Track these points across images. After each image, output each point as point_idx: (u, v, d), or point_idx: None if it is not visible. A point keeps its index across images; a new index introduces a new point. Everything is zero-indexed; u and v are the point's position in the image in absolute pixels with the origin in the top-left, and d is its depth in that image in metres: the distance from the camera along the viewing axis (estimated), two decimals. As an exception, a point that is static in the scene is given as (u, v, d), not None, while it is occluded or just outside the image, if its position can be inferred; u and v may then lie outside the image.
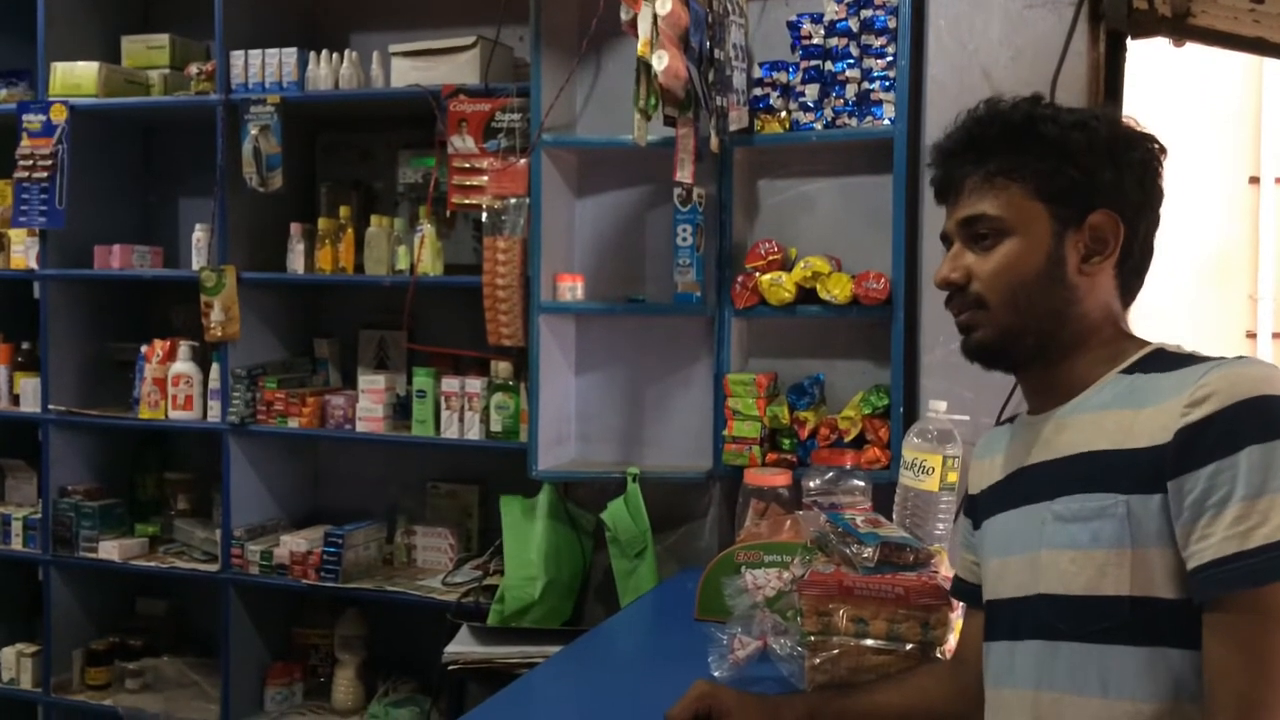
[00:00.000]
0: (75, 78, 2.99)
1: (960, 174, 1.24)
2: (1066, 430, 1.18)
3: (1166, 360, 1.16)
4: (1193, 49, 2.31)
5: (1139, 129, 1.23)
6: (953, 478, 2.03)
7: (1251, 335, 4.17)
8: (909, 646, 1.49)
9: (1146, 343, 1.22)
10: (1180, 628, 1.05)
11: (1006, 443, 1.30)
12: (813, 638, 1.51)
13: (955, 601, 1.49)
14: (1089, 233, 1.19)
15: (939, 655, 1.49)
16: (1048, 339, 1.20)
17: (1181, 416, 1.06)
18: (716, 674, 1.60)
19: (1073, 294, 1.19)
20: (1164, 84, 3.53)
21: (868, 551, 1.53)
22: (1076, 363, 1.21)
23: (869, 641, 1.50)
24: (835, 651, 1.50)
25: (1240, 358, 1.10)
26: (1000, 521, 1.26)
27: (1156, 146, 1.22)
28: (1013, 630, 1.20)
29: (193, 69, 2.98)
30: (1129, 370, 1.17)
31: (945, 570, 1.58)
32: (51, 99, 2.99)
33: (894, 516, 2.03)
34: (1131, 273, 1.23)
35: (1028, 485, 1.22)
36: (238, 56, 2.84)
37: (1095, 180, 1.18)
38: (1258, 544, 1.00)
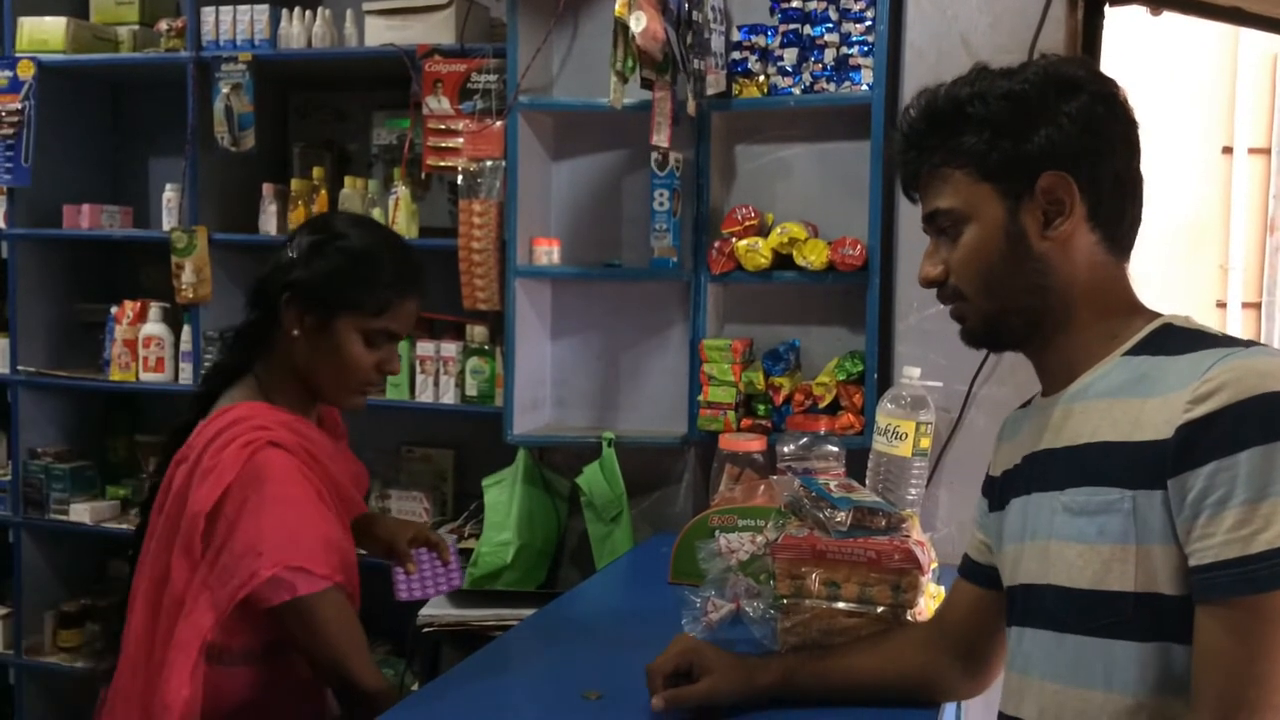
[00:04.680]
0: (43, 33, 2.94)
1: (912, 172, 1.26)
2: (1073, 417, 1.16)
3: (1174, 340, 1.12)
4: (1169, 18, 2.32)
5: (1075, 73, 1.18)
6: (925, 443, 2.05)
7: (1222, 305, 4.21)
8: (880, 609, 1.51)
9: (1153, 314, 1.18)
10: (1183, 624, 1.04)
11: (1025, 425, 1.27)
12: (785, 600, 1.53)
13: (927, 567, 1.51)
14: (1042, 198, 1.16)
15: (909, 618, 1.51)
16: (1035, 315, 1.19)
17: (1184, 412, 1.03)
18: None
19: (1045, 264, 1.17)
20: (1140, 53, 3.53)
21: (840, 516, 1.54)
22: (1074, 338, 1.18)
23: (840, 604, 1.51)
24: (807, 614, 1.51)
25: (1251, 345, 1.07)
26: (1017, 506, 1.24)
27: (1095, 88, 1.17)
28: (1023, 616, 1.20)
29: (162, 25, 2.93)
30: (1135, 351, 1.14)
31: (916, 535, 1.59)
32: (18, 55, 2.93)
33: (867, 482, 2.05)
34: (1111, 221, 1.18)
35: (1039, 471, 1.20)
36: (208, 13, 2.78)
37: (1030, 146, 1.15)
38: (1260, 549, 0.98)
